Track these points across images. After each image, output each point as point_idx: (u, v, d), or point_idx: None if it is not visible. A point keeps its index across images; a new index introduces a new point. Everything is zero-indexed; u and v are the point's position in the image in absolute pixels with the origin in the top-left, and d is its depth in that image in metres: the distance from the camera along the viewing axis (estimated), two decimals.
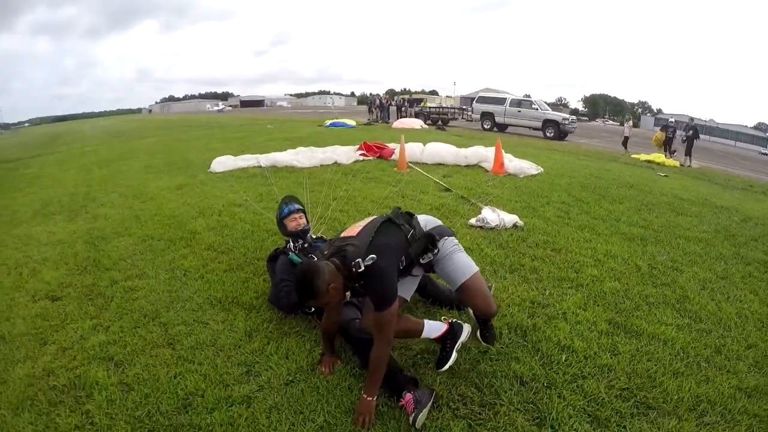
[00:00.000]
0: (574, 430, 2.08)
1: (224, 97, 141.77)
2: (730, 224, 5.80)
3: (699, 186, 9.54)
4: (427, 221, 2.44)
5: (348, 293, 2.20)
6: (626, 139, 18.26)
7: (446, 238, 2.38)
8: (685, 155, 15.01)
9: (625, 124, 20.60)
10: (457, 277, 2.34)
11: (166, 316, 3.06)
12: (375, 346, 2.11)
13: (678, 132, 16.33)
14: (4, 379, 2.52)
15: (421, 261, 2.32)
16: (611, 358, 2.58)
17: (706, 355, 2.68)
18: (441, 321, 2.47)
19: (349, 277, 2.06)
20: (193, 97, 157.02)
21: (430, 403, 2.13)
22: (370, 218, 2.31)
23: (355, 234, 2.14)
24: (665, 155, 14.93)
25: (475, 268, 2.39)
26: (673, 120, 17.60)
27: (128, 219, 5.51)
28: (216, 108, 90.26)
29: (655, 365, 2.53)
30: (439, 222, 2.50)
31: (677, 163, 13.89)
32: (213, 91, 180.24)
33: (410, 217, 2.40)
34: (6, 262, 4.33)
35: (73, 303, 3.36)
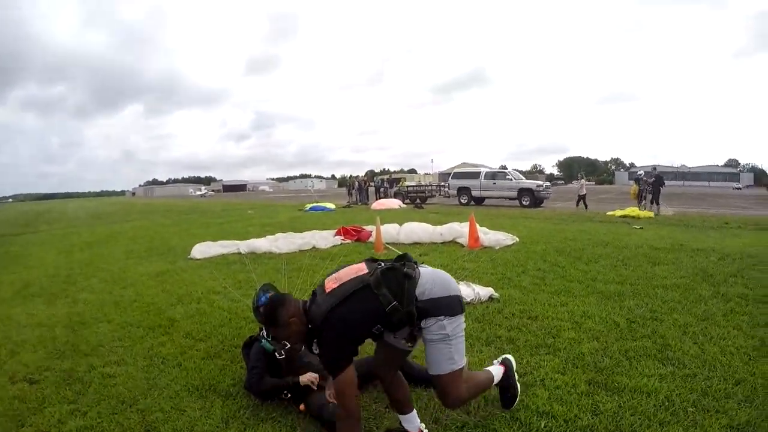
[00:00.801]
0: None
1: (207, 181, 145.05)
2: (707, 265, 5.95)
3: (675, 233, 9.81)
4: (429, 287, 2.13)
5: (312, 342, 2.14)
6: (581, 197, 18.66)
7: (440, 319, 2.10)
8: (653, 203, 15.55)
9: (577, 183, 21.06)
10: (431, 367, 2.18)
11: (143, 403, 3.00)
12: (337, 423, 2.09)
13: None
14: None
15: (393, 337, 2.22)
16: (592, 418, 2.56)
17: (692, 400, 2.67)
18: (420, 425, 2.44)
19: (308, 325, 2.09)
20: (176, 180, 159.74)
21: None
22: (359, 272, 2.15)
23: (329, 290, 2.07)
24: (639, 207, 15.46)
25: (451, 368, 2.13)
26: (641, 172, 18.33)
27: (108, 304, 5.47)
28: (198, 192, 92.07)
29: (639, 419, 2.51)
30: (450, 289, 2.20)
31: (652, 214, 14.30)
32: (196, 176, 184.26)
33: (408, 278, 2.12)
34: None
35: (51, 387, 3.33)
